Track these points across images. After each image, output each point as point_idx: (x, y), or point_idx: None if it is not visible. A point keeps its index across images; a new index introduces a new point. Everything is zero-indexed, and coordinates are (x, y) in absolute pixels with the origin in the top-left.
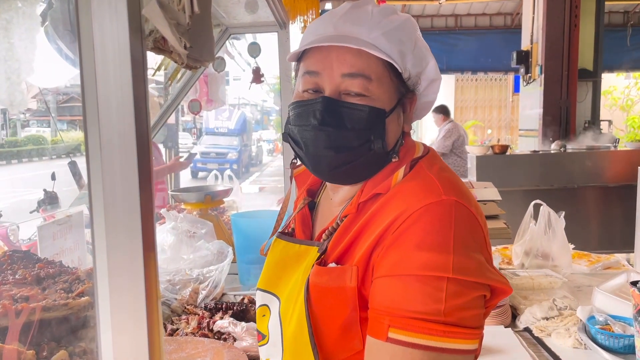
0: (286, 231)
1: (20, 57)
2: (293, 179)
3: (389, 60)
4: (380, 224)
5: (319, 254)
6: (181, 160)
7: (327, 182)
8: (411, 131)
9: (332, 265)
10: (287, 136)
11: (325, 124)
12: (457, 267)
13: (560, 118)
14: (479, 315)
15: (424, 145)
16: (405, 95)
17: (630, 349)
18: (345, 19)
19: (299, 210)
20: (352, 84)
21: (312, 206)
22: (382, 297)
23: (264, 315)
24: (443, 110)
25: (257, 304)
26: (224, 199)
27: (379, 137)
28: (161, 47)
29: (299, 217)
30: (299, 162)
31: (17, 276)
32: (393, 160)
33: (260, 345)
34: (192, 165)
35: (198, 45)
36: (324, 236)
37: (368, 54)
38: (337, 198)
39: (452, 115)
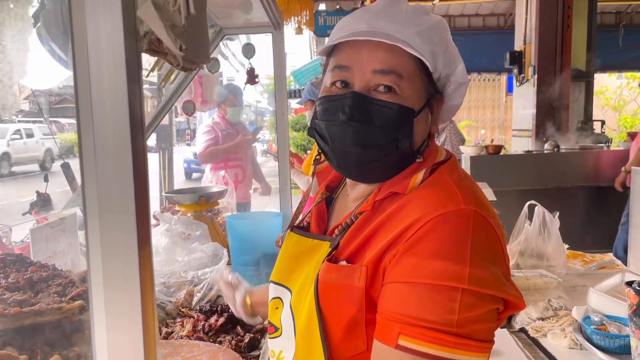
0: (301, 225)
1: (13, 60)
2: (314, 175)
3: (421, 58)
4: (395, 227)
5: (330, 249)
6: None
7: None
8: None
9: (343, 263)
10: (313, 131)
11: (354, 119)
12: (473, 278)
13: (553, 118)
14: (491, 328)
15: (447, 150)
16: (433, 96)
17: (625, 349)
18: (378, 15)
19: (316, 204)
20: (384, 80)
21: (329, 202)
22: (394, 303)
23: (276, 308)
24: None
25: (270, 297)
26: (219, 200)
27: (406, 137)
28: (156, 48)
29: (315, 211)
30: (322, 159)
31: (9, 280)
32: (417, 160)
33: (271, 338)
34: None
35: (193, 46)
36: (336, 232)
37: (400, 51)
38: (353, 194)
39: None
